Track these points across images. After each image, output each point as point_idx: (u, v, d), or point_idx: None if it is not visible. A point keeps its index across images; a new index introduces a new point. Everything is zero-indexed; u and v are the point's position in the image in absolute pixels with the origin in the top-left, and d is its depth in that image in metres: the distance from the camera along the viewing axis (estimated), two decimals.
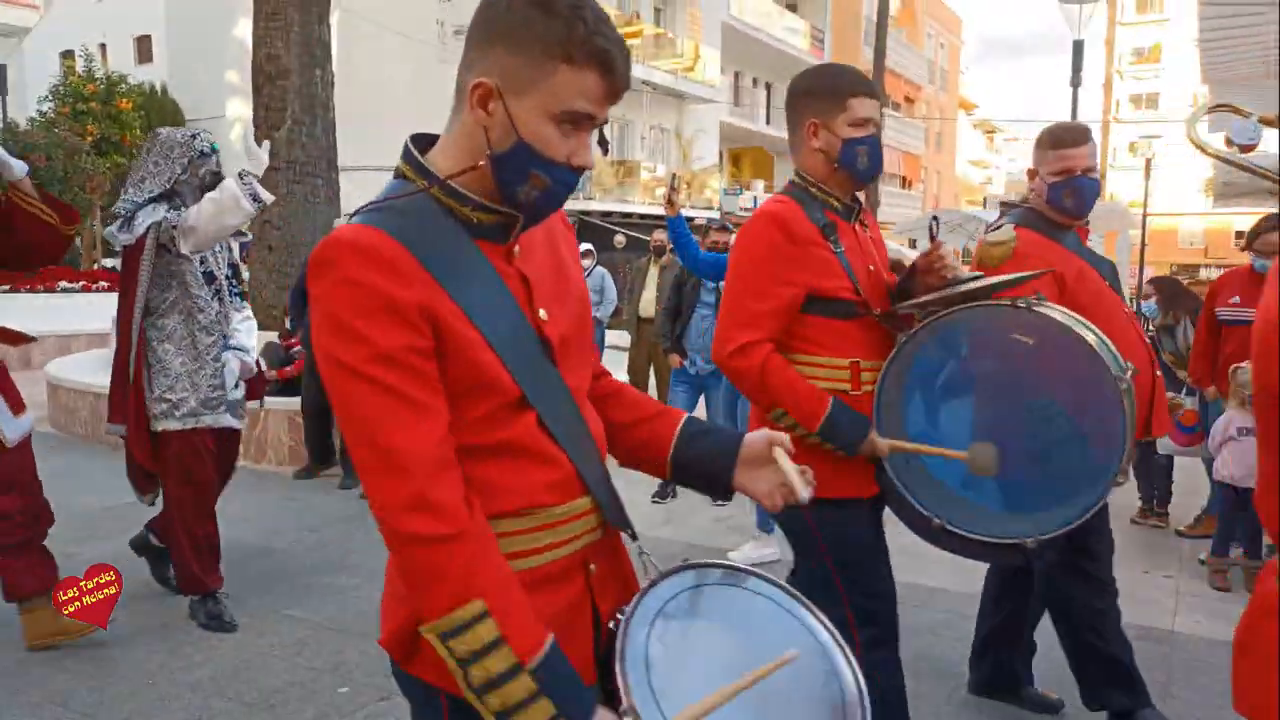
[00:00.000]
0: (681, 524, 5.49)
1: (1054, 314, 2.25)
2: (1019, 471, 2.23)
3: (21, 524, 3.45)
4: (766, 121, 32.97)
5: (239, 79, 21.88)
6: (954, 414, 2.39)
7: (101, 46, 27.25)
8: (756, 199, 30.67)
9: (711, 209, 27.13)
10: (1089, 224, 3.45)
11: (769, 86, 34.38)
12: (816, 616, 1.41)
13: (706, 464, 1.47)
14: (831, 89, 2.32)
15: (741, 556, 4.74)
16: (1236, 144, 1.62)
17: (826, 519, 2.28)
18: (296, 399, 6.32)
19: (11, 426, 3.44)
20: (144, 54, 27.32)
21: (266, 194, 3.68)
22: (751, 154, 34.47)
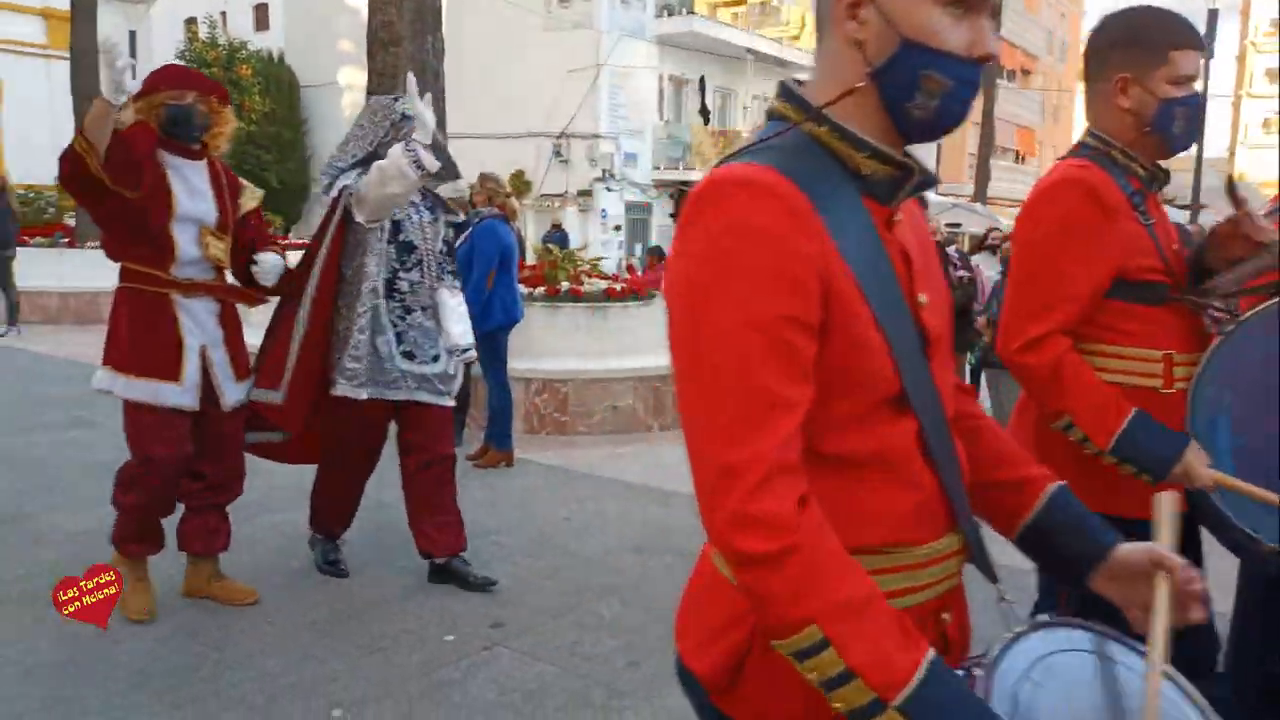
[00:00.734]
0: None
1: None
2: None
3: (211, 487, 3.53)
4: None
5: (352, 47, 22.44)
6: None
7: (222, 14, 28.24)
8: None
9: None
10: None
11: None
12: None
13: (1062, 551, 1.21)
14: (1151, 39, 1.93)
15: None
16: None
17: None
18: None
19: (231, 390, 3.46)
20: (261, 22, 28.21)
21: (431, 161, 3.46)
22: None
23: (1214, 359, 1.89)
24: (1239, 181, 2.70)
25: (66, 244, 12.45)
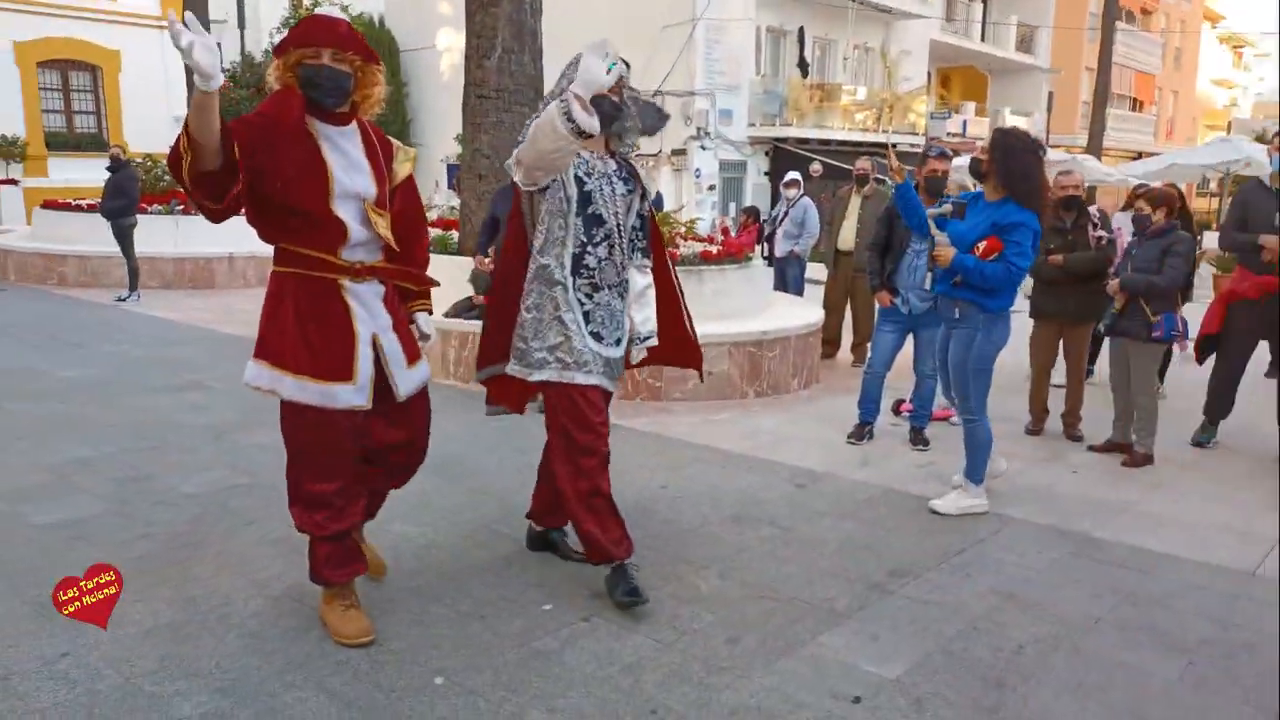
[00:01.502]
0: (878, 467, 5.33)
1: None
2: None
3: (393, 471, 3.30)
4: (982, 37, 30.80)
5: (450, 9, 22.57)
6: None
7: None
8: (966, 123, 28.88)
9: (916, 134, 25.80)
10: None
11: (986, 0, 32.02)
12: None
13: None
14: None
15: (947, 505, 4.56)
16: None
17: None
18: None
19: (405, 379, 3.11)
20: None
21: (584, 117, 3.03)
22: (962, 74, 32.38)
23: None
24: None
25: (182, 211, 12.92)
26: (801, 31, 23.18)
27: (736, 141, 22.57)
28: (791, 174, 10.26)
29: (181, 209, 13.01)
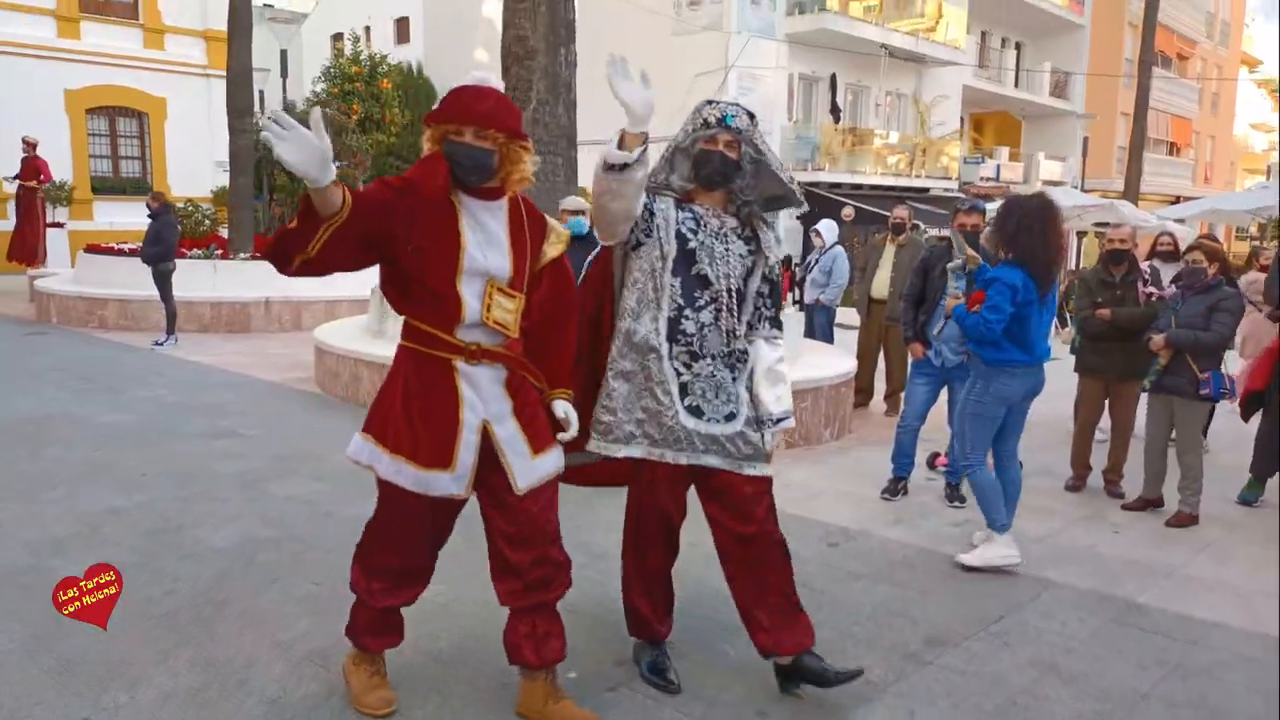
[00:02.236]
0: (912, 525, 5.21)
1: None
2: None
3: (531, 585, 2.90)
4: (1015, 84, 30.79)
5: (487, 57, 22.98)
6: None
7: (366, 29, 29.47)
8: (999, 168, 28.78)
9: (950, 179, 25.74)
10: None
11: (1019, 46, 32.05)
12: None
13: None
14: None
15: (974, 559, 4.45)
16: None
17: None
18: None
19: (525, 469, 2.83)
20: (402, 35, 29.33)
21: (612, 150, 2.78)
22: (995, 119, 32.34)
23: None
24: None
25: (220, 256, 13.12)
26: (834, 78, 23.30)
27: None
28: (821, 224, 10.17)
29: (220, 253, 13.23)
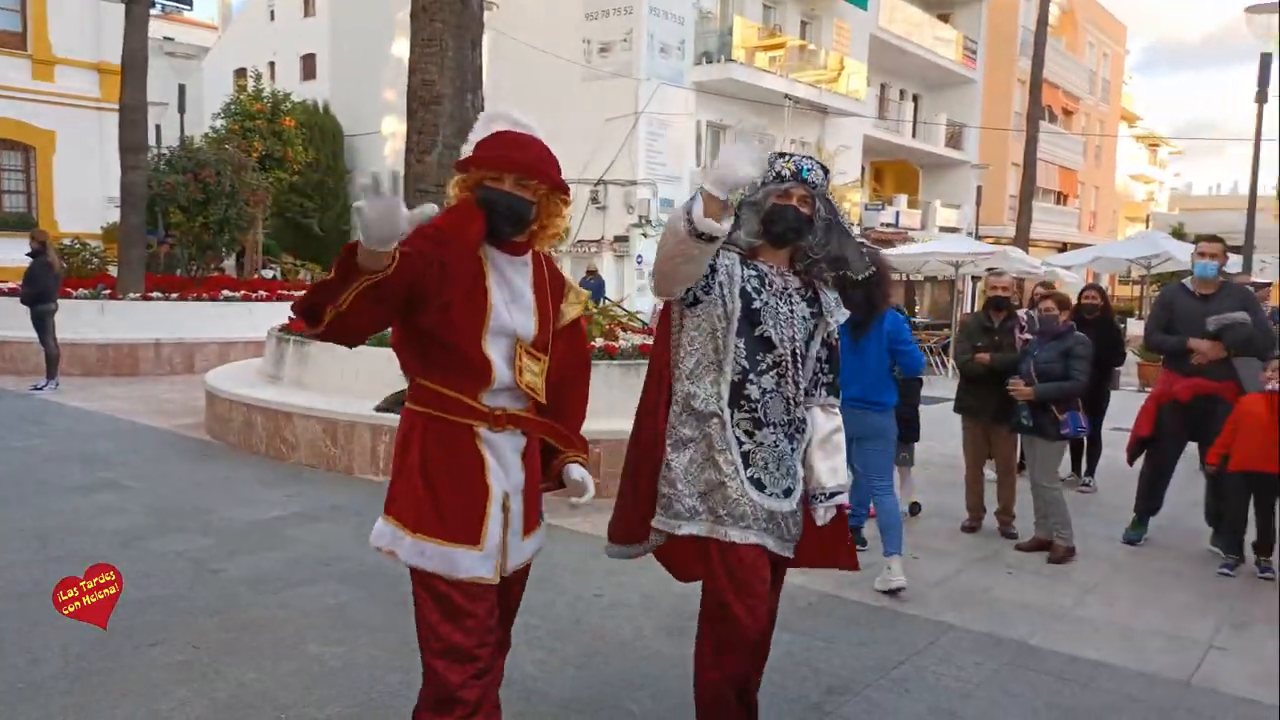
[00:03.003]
0: (816, 570, 5.23)
1: None
2: None
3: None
4: (913, 134, 32.00)
5: (394, 97, 22.77)
6: None
7: (271, 65, 28.98)
8: (899, 214, 29.77)
9: (852, 225, 26.47)
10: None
11: (916, 99, 33.38)
12: None
13: None
14: None
15: (897, 578, 4.83)
16: None
17: None
18: None
19: (518, 550, 2.59)
20: (309, 72, 28.90)
21: (706, 219, 2.49)
22: (895, 168, 33.54)
23: None
24: None
25: (109, 295, 12.59)
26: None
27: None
28: None
29: (108, 293, 12.69)
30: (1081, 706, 3.64)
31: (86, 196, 19.36)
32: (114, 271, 13.96)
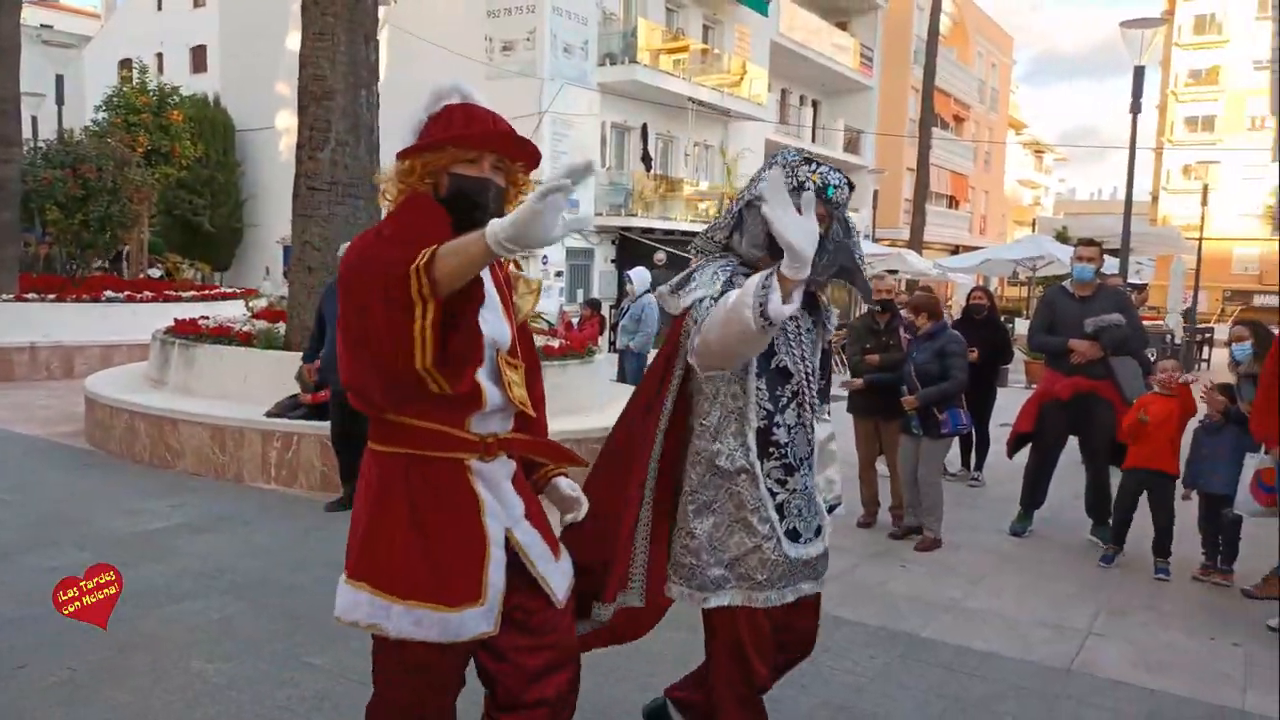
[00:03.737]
0: None
1: None
2: None
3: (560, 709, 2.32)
4: (812, 139, 32.68)
5: (288, 91, 22.12)
6: None
7: (158, 56, 27.82)
8: None
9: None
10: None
11: (815, 104, 34.10)
12: None
13: None
14: None
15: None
16: None
17: None
18: (328, 424, 6.21)
19: (557, 575, 2.30)
20: (199, 64, 27.86)
21: (781, 307, 2.11)
22: None
23: None
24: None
25: None
26: (645, 128, 23.92)
27: (583, 230, 22.88)
28: (633, 271, 10.33)
29: None
30: (970, 696, 3.76)
31: None
32: None
